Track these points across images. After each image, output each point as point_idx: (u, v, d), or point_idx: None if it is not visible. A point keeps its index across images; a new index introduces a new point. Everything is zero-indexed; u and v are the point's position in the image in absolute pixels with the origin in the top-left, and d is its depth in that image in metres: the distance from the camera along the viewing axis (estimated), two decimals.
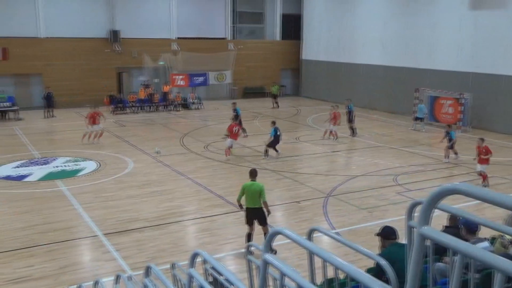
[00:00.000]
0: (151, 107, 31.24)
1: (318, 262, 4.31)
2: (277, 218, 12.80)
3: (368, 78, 32.31)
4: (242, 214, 12.53)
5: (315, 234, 5.22)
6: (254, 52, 38.10)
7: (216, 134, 23.09)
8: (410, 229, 2.88)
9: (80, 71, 32.38)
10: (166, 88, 32.10)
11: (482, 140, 15.33)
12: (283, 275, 2.68)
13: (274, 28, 39.29)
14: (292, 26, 39.69)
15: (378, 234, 6.13)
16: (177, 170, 16.88)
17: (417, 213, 2.26)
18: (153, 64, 32.97)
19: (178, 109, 31.54)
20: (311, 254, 4.17)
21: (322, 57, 36.61)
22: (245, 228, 11.40)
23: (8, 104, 28.30)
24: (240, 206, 10.45)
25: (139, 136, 23.27)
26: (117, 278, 6.44)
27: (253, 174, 10.36)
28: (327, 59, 36.03)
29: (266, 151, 18.77)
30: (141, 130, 25.07)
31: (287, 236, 2.77)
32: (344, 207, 13.14)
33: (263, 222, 10.17)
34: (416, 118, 24.80)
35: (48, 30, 31.39)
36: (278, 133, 18.84)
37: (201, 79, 31.93)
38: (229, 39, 37.39)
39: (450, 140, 17.97)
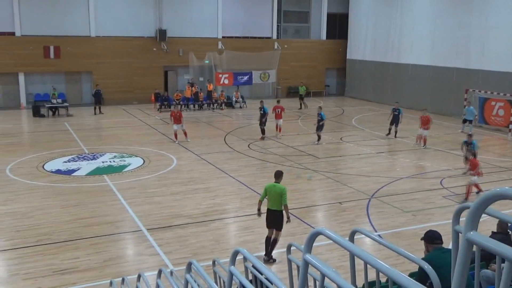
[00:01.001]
0: (196, 105, 31.63)
1: (359, 264, 4.25)
2: (318, 219, 12.72)
3: (415, 79, 31.63)
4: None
5: (357, 236, 5.15)
6: (299, 51, 37.97)
7: (259, 133, 23.13)
8: (456, 234, 2.79)
9: (128, 69, 33.17)
10: (210, 87, 32.44)
11: (474, 154, 14.58)
12: (323, 276, 2.65)
13: (319, 27, 39.03)
14: (338, 25, 39.34)
15: (422, 238, 5.99)
16: (220, 168, 17.03)
17: (464, 218, 2.19)
18: (199, 62, 33.40)
19: (222, 107, 31.82)
20: (353, 256, 4.11)
21: (369, 56, 36.09)
22: (287, 227, 11.40)
23: (59, 100, 29.32)
24: (259, 210, 10.13)
25: (183, 134, 23.58)
26: (160, 272, 6.55)
27: (277, 175, 10.06)
28: (374, 59, 35.50)
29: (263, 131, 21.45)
30: (186, 128, 25.43)
31: (328, 237, 2.74)
32: (387, 209, 12.91)
33: (278, 227, 9.87)
34: (465, 120, 23.97)
35: (99, 29, 32.31)
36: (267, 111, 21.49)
37: (245, 78, 32.10)
38: (274, 38, 37.40)
39: (470, 151, 14.96)
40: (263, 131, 21.78)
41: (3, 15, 30.10)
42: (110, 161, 17.98)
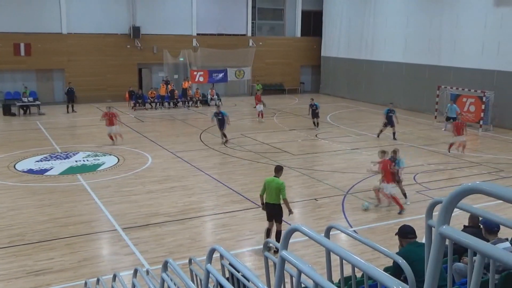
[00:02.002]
0: (171, 103, 31.42)
1: (335, 260, 4.29)
2: (294, 215, 12.77)
3: (389, 76, 32.03)
4: (261, 210, 12.56)
5: (333, 232, 5.20)
6: (274, 48, 38.04)
7: (235, 130, 23.13)
8: (429, 228, 2.84)
9: (101, 66, 32.73)
10: (185, 84, 32.25)
11: (384, 152, 12.84)
12: (300, 272, 2.68)
13: (294, 24, 39.16)
14: (313, 23, 39.53)
15: (396, 233, 6.09)
16: (196, 166, 16.96)
17: (436, 212, 2.23)
18: (173, 60, 33.17)
19: (197, 105, 31.68)
20: (329, 252, 4.15)
21: (343, 54, 36.38)
22: (263, 225, 11.43)
23: (31, 99, 28.76)
24: (263, 204, 10.30)
25: (158, 131, 23.45)
26: (135, 272, 6.50)
27: (277, 170, 10.25)
28: (348, 56, 35.79)
29: (224, 135, 20.35)
30: (161, 126, 25.25)
31: (305, 233, 2.76)
32: (361, 205, 13.04)
33: (278, 219, 10.09)
34: (448, 118, 23.78)
35: (70, 26, 31.77)
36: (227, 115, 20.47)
37: (220, 75, 32.00)
38: (249, 35, 37.39)
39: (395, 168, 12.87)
40: (224, 135, 20.57)
41: None
42: (84, 160, 17.73)
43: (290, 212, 10.15)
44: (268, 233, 10.11)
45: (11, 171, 16.18)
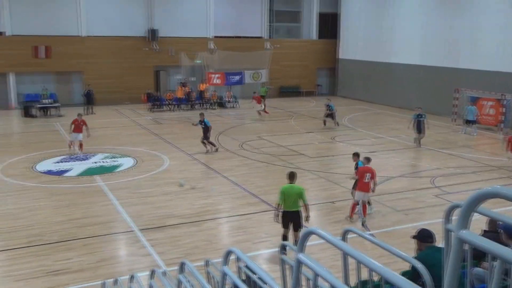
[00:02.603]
0: (188, 105, 31.57)
1: (352, 263, 4.27)
2: (311, 218, 12.72)
3: (406, 78, 31.79)
4: (278, 213, 12.55)
5: (349, 235, 5.18)
6: (290, 51, 38.02)
7: (251, 132, 23.21)
8: (448, 232, 2.82)
9: (119, 69, 33.05)
10: (202, 87, 32.39)
11: (368, 160, 12.31)
12: (316, 275, 2.67)
13: (310, 27, 39.11)
14: (329, 25, 39.42)
15: (414, 237, 6.02)
16: (212, 168, 17.01)
17: (455, 217, 2.21)
18: (190, 62, 33.33)
19: (214, 107, 31.79)
20: (345, 255, 4.14)
21: (359, 56, 36.21)
22: (279, 227, 11.41)
23: (50, 100, 29.15)
24: (277, 216, 10.06)
25: (175, 133, 23.57)
26: (152, 273, 6.54)
27: (291, 176, 10.09)
28: (364, 58, 35.62)
29: (208, 143, 19.31)
30: (177, 128, 25.38)
31: (321, 236, 2.76)
32: (379, 209, 12.96)
33: (297, 227, 9.92)
34: (467, 121, 23.46)
35: (89, 29, 32.16)
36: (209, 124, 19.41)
37: (237, 77, 32.05)
38: (266, 38, 37.42)
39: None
40: (211, 144, 19.49)
41: None
42: (102, 162, 17.90)
43: (308, 217, 10.04)
44: (284, 239, 9.95)
45: (30, 172, 16.41)
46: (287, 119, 27.53)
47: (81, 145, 18.97)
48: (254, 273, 4.84)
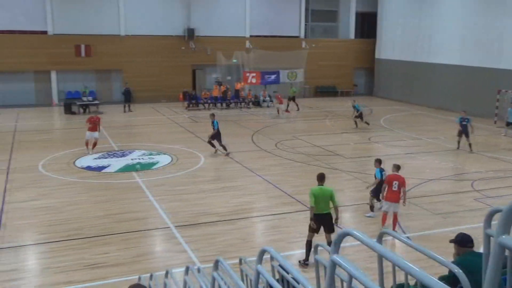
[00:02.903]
0: (223, 104, 31.79)
1: (387, 266, 4.21)
2: (346, 219, 12.63)
3: (445, 79, 31.12)
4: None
5: (385, 238, 5.12)
6: (327, 50, 37.78)
7: (287, 132, 23.20)
8: (488, 237, 2.76)
9: (157, 67, 33.58)
10: (238, 86, 32.56)
11: (398, 167, 11.64)
12: (351, 277, 2.65)
13: (348, 26, 38.76)
14: (367, 25, 38.98)
15: (453, 241, 5.89)
16: (247, 166, 17.08)
17: (496, 221, 2.16)
18: (226, 61, 33.55)
19: (249, 106, 31.90)
20: (381, 258, 4.09)
21: (398, 56, 35.66)
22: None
23: (90, 98, 29.88)
24: (312, 219, 9.78)
25: (210, 132, 23.70)
26: (187, 269, 6.62)
27: (321, 178, 9.95)
28: (403, 58, 35.05)
29: (212, 144, 18.74)
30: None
31: (357, 238, 2.73)
32: (416, 211, 12.75)
33: (331, 229, 9.68)
34: (509, 124, 22.64)
35: (128, 28, 32.79)
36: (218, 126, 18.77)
37: (273, 77, 32.04)
38: (302, 37, 37.30)
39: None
40: (222, 147, 18.94)
41: (36, 15, 30.83)
42: (139, 158, 18.22)
43: (337, 220, 9.82)
44: (309, 245, 9.68)
45: (71, 168, 16.85)
46: (322, 119, 27.37)
47: (95, 144, 18.74)
48: (288, 272, 4.84)
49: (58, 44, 31.15)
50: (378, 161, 12.73)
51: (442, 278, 5.14)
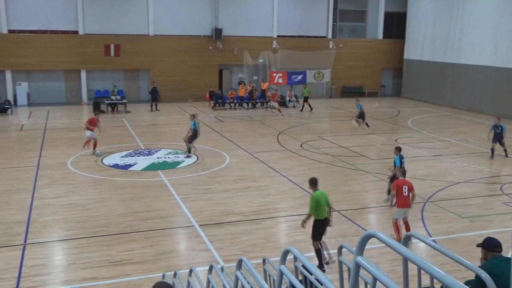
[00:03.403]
0: (249, 104, 31.82)
1: (412, 269, 4.15)
2: (370, 221, 12.52)
3: (476, 80, 30.50)
4: (336, 214, 12.43)
5: (411, 240, 5.04)
6: (354, 51, 37.47)
7: (312, 132, 23.10)
8: None
9: (184, 67, 33.84)
10: (264, 86, 32.55)
11: (403, 173, 11.35)
12: (375, 279, 2.61)
13: (376, 26, 38.37)
14: (396, 25, 38.52)
15: (480, 245, 5.77)
16: (272, 166, 17.06)
17: None
18: (253, 61, 33.59)
19: (275, 106, 31.83)
20: (406, 261, 4.03)
21: (427, 57, 35.12)
22: (337, 229, 11.32)
23: (118, 97, 30.30)
24: (304, 222, 9.66)
25: (236, 131, 23.83)
26: (211, 268, 6.64)
27: (315, 182, 9.73)
28: (432, 59, 34.51)
29: (188, 146, 18.46)
30: (239, 126, 25.64)
31: (381, 240, 2.70)
32: (443, 214, 12.54)
33: (325, 232, 9.60)
34: None
35: (156, 28, 33.13)
36: (198, 127, 18.56)
37: (299, 77, 31.98)
38: (329, 37, 37.08)
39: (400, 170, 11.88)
40: (189, 149, 18.63)
41: (68, 15, 31.41)
42: (165, 157, 18.39)
43: (331, 221, 9.68)
44: (319, 253, 9.53)
45: (99, 165, 17.11)
46: (348, 119, 27.15)
47: (95, 144, 18.76)
48: (311, 273, 4.81)
49: (88, 44, 31.68)
50: (398, 149, 13.38)
51: (468, 283, 5.03)
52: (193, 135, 18.49)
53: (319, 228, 9.53)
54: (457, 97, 32.04)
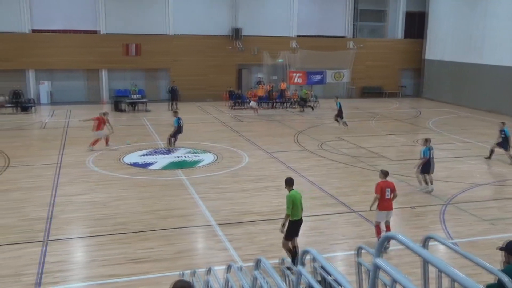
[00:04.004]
0: (268, 103, 31.82)
1: (432, 272, 4.11)
2: (390, 223, 12.40)
3: (499, 81, 30.03)
4: (355, 215, 12.38)
5: (431, 243, 4.99)
6: (374, 51, 37.21)
7: (331, 133, 23.01)
8: None
9: (203, 67, 33.99)
10: (283, 85, 32.52)
11: (385, 174, 10.94)
12: (394, 281, 2.60)
13: (396, 26, 38.05)
14: (416, 24, 38.14)
15: (501, 249, 5.69)
16: (290, 166, 17.03)
17: None
18: (272, 61, 33.58)
19: (294, 106, 31.81)
20: (425, 263, 4.00)
21: (448, 57, 34.70)
22: (356, 230, 11.27)
23: (138, 96, 30.57)
24: (284, 226, 9.47)
25: (255, 131, 23.85)
26: (229, 267, 6.66)
27: (291, 182, 9.65)
28: (453, 59, 34.08)
29: (170, 140, 19.52)
30: (258, 126, 25.65)
31: (401, 242, 2.68)
32: (464, 217, 12.38)
33: (298, 233, 9.57)
34: None
35: (176, 28, 33.34)
36: (181, 124, 19.61)
37: (318, 77, 31.85)
38: (349, 37, 36.88)
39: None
40: (171, 143, 19.63)
41: (89, 15, 31.81)
42: (184, 156, 18.49)
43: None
44: (292, 251, 9.43)
45: (119, 164, 17.28)
46: (368, 120, 26.98)
47: (106, 140, 19.71)
48: (329, 274, 4.79)
49: (109, 44, 32.02)
50: (426, 140, 14.29)
51: (489, 287, 4.97)
52: (177, 131, 19.51)
53: (294, 228, 9.44)
54: (478, 98, 31.59)
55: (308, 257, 4.24)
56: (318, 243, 10.66)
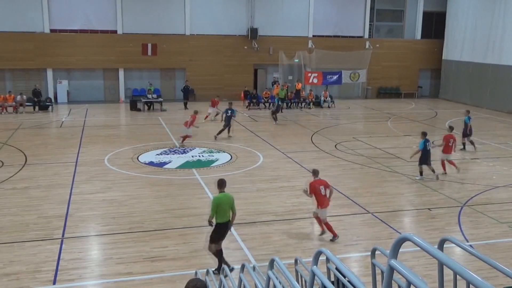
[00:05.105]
0: (284, 103, 31.75)
1: (448, 274, 4.07)
2: (405, 224, 12.33)
3: None
4: (369, 216, 12.31)
5: (447, 245, 4.94)
6: (392, 51, 36.95)
7: (347, 134, 22.91)
8: None
9: (219, 66, 34.08)
10: (299, 86, 32.46)
11: (316, 173, 11.42)
12: (409, 283, 2.58)
13: (414, 26, 37.72)
14: (434, 24, 37.79)
15: None
16: (305, 167, 17.00)
17: None
18: (288, 61, 33.53)
19: (310, 106, 31.73)
20: (442, 265, 3.96)
21: (466, 57, 34.31)
22: (370, 231, 11.21)
23: (155, 96, 30.76)
24: (211, 223, 9.30)
25: (270, 131, 23.83)
26: (243, 267, 6.67)
27: (222, 184, 9.41)
28: (472, 59, 33.69)
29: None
30: (273, 126, 25.63)
31: (416, 244, 2.66)
32: (480, 219, 12.24)
33: (225, 237, 9.39)
34: None
35: (193, 28, 33.47)
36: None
37: (334, 77, 31.76)
38: (366, 37, 36.67)
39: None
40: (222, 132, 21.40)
41: (107, 15, 32.10)
42: (199, 156, 18.56)
43: (231, 226, 9.48)
44: (220, 254, 9.28)
45: (134, 163, 17.41)
46: (384, 121, 26.80)
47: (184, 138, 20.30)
48: (343, 275, 4.77)
49: (126, 43, 32.28)
50: (423, 134, 15.20)
51: None
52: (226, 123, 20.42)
53: (219, 231, 9.23)
54: (497, 99, 31.19)
55: (322, 257, 4.23)
56: (332, 243, 10.62)
